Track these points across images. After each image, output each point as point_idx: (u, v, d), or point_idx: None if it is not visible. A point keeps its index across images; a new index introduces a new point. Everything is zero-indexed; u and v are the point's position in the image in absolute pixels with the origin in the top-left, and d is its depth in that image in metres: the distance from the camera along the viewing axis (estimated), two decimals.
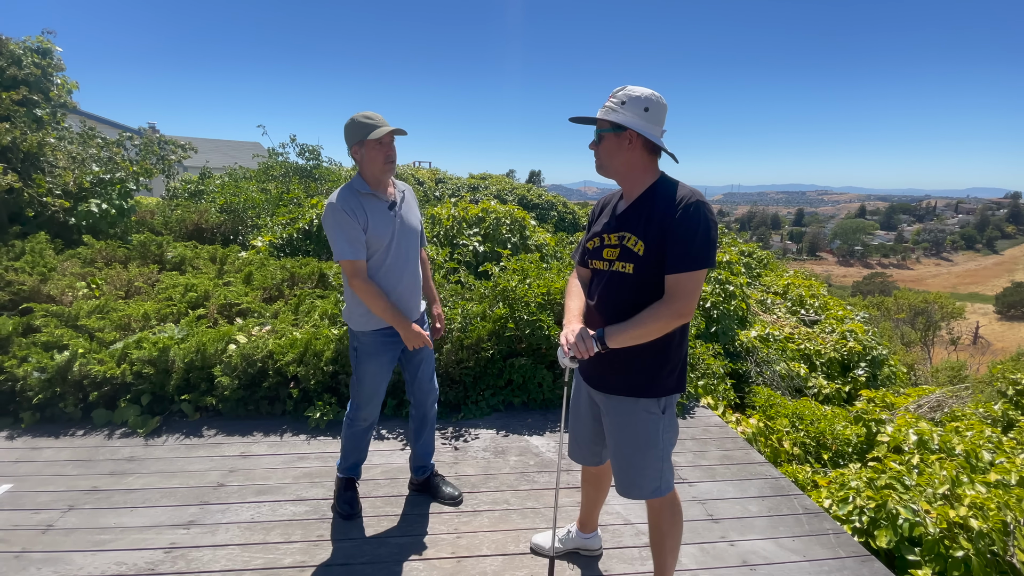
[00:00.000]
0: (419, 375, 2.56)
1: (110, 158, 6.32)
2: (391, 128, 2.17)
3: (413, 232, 2.39)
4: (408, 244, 2.36)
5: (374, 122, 2.16)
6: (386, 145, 2.20)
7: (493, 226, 5.85)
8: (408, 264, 2.37)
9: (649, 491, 1.87)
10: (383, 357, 2.41)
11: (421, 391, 2.59)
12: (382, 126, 2.16)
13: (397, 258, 2.32)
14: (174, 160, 7.44)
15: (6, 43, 6.06)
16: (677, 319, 1.67)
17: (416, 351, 2.50)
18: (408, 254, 2.37)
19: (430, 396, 2.62)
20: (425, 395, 2.61)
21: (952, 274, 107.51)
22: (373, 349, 2.39)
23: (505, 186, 16.48)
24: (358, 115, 2.18)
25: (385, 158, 2.21)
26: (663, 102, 1.70)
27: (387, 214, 2.28)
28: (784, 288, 8.21)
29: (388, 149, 2.21)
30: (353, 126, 2.18)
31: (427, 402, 2.63)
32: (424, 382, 2.58)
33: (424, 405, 2.63)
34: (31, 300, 4.08)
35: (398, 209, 2.33)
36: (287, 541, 2.44)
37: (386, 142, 2.20)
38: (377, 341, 2.38)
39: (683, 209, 1.63)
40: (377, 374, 2.43)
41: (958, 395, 5.02)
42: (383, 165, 2.21)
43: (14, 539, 2.42)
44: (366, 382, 2.44)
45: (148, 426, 3.39)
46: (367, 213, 2.22)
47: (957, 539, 2.48)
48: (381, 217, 2.26)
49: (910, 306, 23.65)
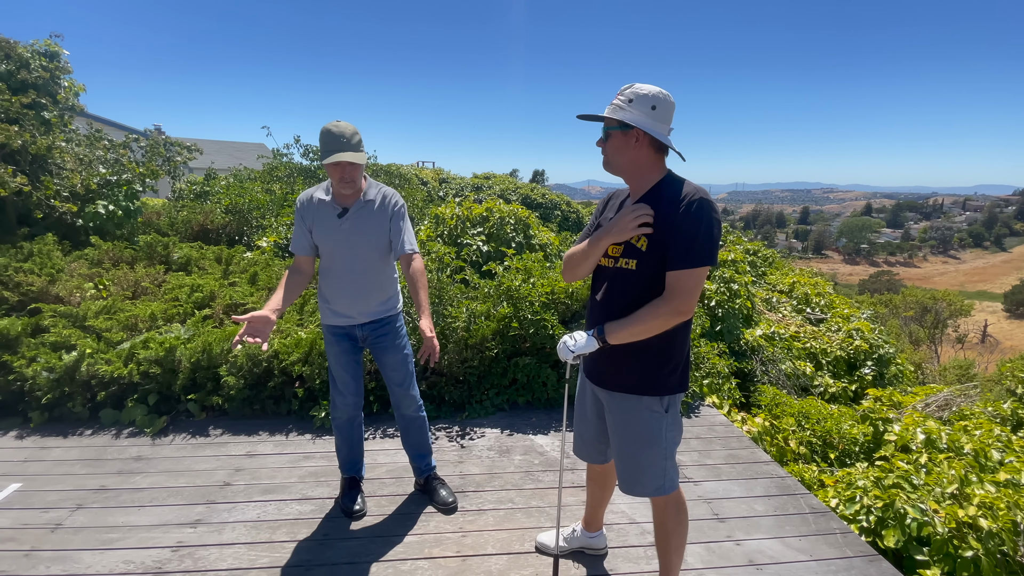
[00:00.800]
0: (388, 380, 2.60)
1: (116, 160, 6.36)
2: (343, 158, 2.15)
3: (363, 240, 2.35)
4: (356, 254, 2.35)
5: (335, 143, 2.17)
6: (341, 167, 2.21)
7: (497, 225, 5.85)
8: (353, 271, 2.37)
9: (652, 489, 1.87)
10: (335, 347, 2.50)
11: (394, 396, 2.63)
12: (339, 151, 2.16)
13: (342, 266, 2.36)
14: (180, 162, 7.48)
15: (14, 46, 6.11)
16: (676, 316, 1.66)
17: (379, 356, 2.55)
18: (354, 264, 2.36)
19: (403, 402, 2.62)
20: (398, 400, 2.62)
21: (960, 272, 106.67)
22: (327, 339, 2.53)
23: (509, 186, 16.47)
24: (327, 126, 2.20)
25: (339, 178, 2.24)
26: (671, 100, 1.70)
27: (333, 221, 2.33)
28: (789, 286, 8.16)
29: (343, 171, 2.22)
30: (321, 139, 2.22)
31: (400, 405, 2.63)
32: (393, 387, 2.60)
33: (399, 408, 2.64)
34: (39, 301, 4.11)
35: (349, 216, 2.32)
36: (293, 540, 2.45)
37: (342, 165, 2.20)
38: (328, 332, 2.51)
39: (687, 206, 1.63)
40: (335, 363, 2.52)
41: (966, 394, 4.98)
42: (339, 183, 2.27)
43: (23, 538, 2.44)
44: (330, 368, 2.56)
45: (155, 426, 3.42)
46: (314, 217, 2.35)
47: (966, 539, 2.46)
48: (326, 223, 2.34)
49: (918, 303, 23.48)
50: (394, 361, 2.54)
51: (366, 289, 2.42)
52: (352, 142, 2.20)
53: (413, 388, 2.63)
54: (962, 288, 79.55)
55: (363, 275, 2.40)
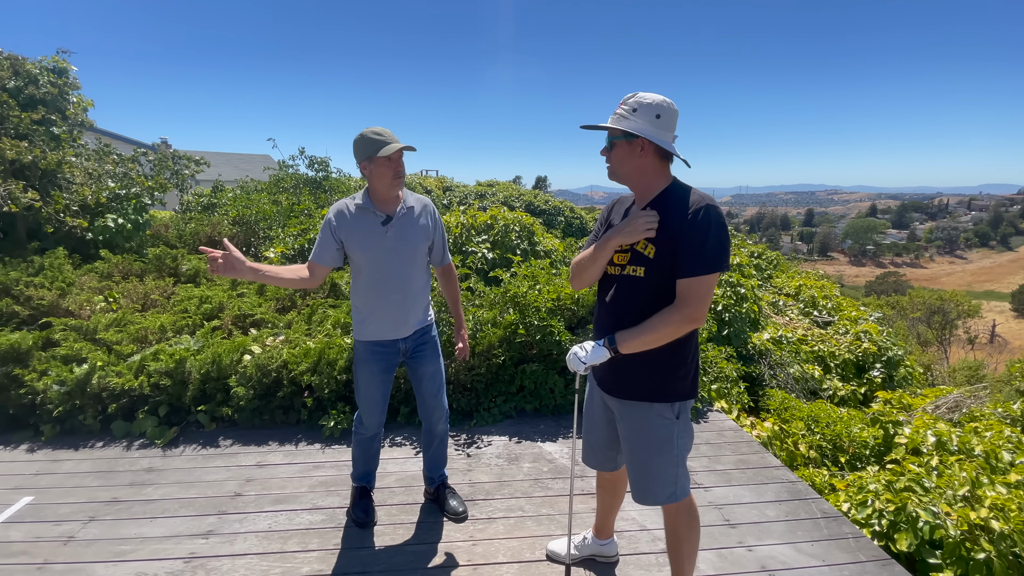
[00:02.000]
0: (423, 390, 2.55)
1: (125, 174, 6.44)
2: (400, 145, 2.17)
3: (409, 248, 2.33)
4: (401, 260, 2.32)
5: (383, 138, 2.16)
6: (395, 161, 2.20)
7: (502, 233, 5.88)
8: (400, 280, 2.33)
9: (664, 497, 1.87)
10: (373, 366, 2.42)
11: (425, 407, 2.58)
12: (391, 143, 2.16)
13: (387, 274, 2.31)
14: (188, 174, 7.56)
15: (23, 63, 6.21)
16: (689, 324, 1.67)
17: (417, 367, 2.50)
18: (401, 271, 2.33)
19: (435, 413, 2.59)
20: (430, 411, 2.59)
21: (967, 272, 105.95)
22: (364, 357, 2.43)
23: (512, 192, 16.53)
24: (367, 131, 2.18)
25: (394, 174, 2.21)
26: (674, 108, 1.71)
27: (377, 229, 2.27)
28: (796, 289, 8.14)
29: (397, 165, 2.21)
30: (363, 142, 2.18)
31: (432, 418, 2.60)
32: (427, 398, 2.56)
33: (429, 420, 2.61)
34: (50, 315, 4.16)
35: (393, 224, 2.29)
36: (304, 550, 2.46)
37: (395, 158, 2.20)
38: (368, 350, 2.41)
39: (694, 213, 1.64)
40: (370, 383, 2.45)
41: (976, 395, 4.94)
42: (391, 180, 2.22)
43: (37, 551, 2.46)
44: (361, 390, 2.48)
45: (166, 437, 3.44)
46: (352, 227, 2.27)
47: (979, 541, 2.44)
48: (368, 232, 2.27)
49: (925, 304, 23.33)
50: (432, 371, 2.52)
51: (413, 298, 2.39)
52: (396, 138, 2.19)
53: (445, 398, 2.62)
54: (969, 288, 78.95)
55: (409, 283, 2.36)
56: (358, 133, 2.21)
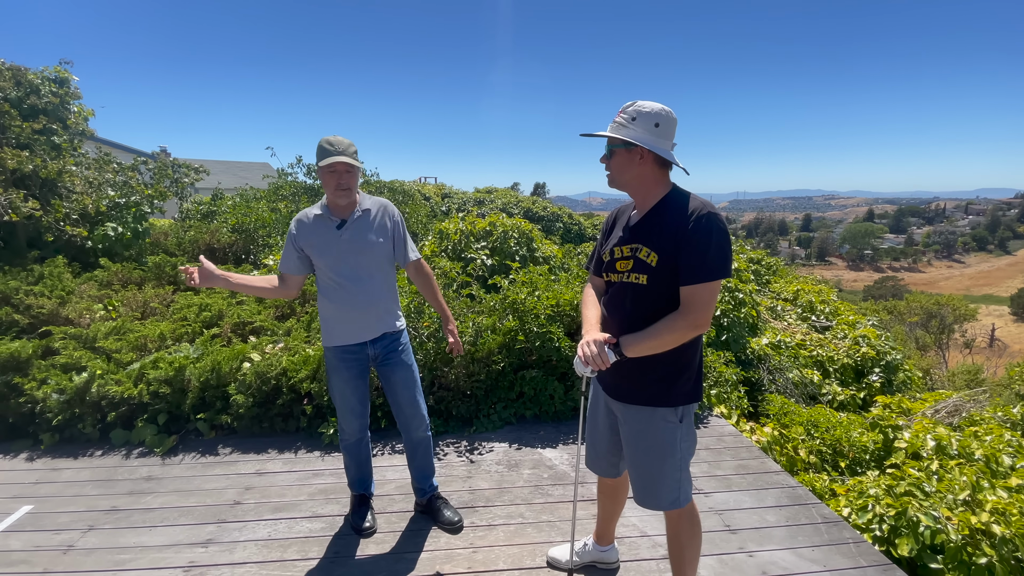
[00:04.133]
0: (397, 398, 2.54)
1: (125, 182, 6.46)
2: (337, 159, 2.17)
3: (367, 248, 2.35)
4: (359, 263, 2.34)
5: (332, 148, 2.19)
6: (338, 173, 2.22)
7: (501, 239, 5.90)
8: (360, 283, 2.35)
9: (667, 502, 1.87)
10: (344, 373, 2.43)
11: (403, 415, 2.57)
12: (335, 155, 2.18)
13: (346, 277, 2.33)
14: (187, 183, 7.58)
15: (24, 73, 6.25)
16: (693, 330, 1.68)
17: (389, 374, 2.50)
18: (359, 273, 2.34)
19: (412, 421, 2.57)
20: (407, 419, 2.57)
21: (965, 276, 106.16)
22: (334, 364, 2.45)
23: (510, 199, 16.58)
24: (322, 140, 2.23)
25: (335, 184, 2.23)
26: (673, 116, 1.73)
27: (332, 233, 2.31)
28: (794, 294, 8.16)
29: (339, 177, 2.22)
30: (317, 150, 2.24)
31: (410, 426, 2.58)
32: (404, 406, 2.55)
33: (407, 429, 2.59)
34: (50, 323, 4.16)
35: (348, 227, 2.32)
36: (304, 558, 2.46)
37: (339, 169, 2.21)
38: (336, 356, 2.43)
39: (696, 221, 1.65)
40: (344, 389, 2.46)
41: (976, 399, 4.95)
42: (334, 190, 2.25)
43: (36, 560, 2.45)
44: (336, 397, 2.51)
45: (165, 445, 3.43)
46: (310, 234, 2.33)
47: (980, 546, 2.44)
48: (324, 237, 2.32)
49: (922, 309, 23.36)
50: (404, 378, 2.52)
51: (374, 299, 2.40)
52: (348, 151, 2.21)
53: (422, 406, 2.60)
54: (968, 292, 79.09)
55: (369, 285, 2.37)
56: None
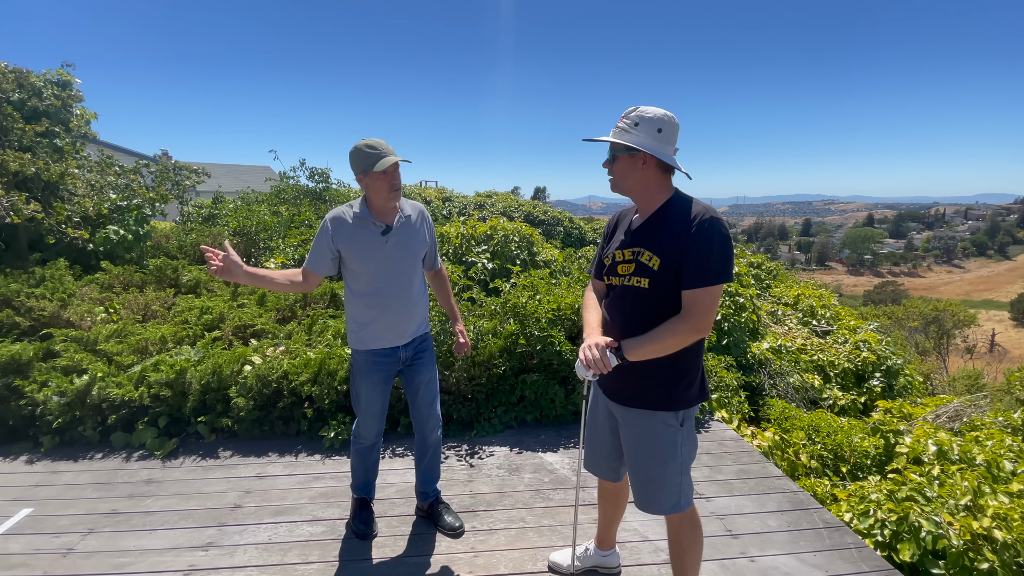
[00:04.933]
0: (418, 399, 2.54)
1: (127, 185, 6.47)
2: (395, 158, 2.18)
3: (410, 256, 2.36)
4: (401, 269, 2.34)
5: (378, 151, 2.16)
6: (390, 175, 2.21)
7: (502, 243, 5.91)
8: (400, 289, 2.35)
9: (668, 506, 1.87)
10: (374, 376, 2.41)
11: (420, 416, 2.57)
12: (386, 156, 2.17)
13: (387, 283, 2.31)
14: (188, 185, 7.60)
15: (27, 76, 6.26)
16: (695, 334, 1.68)
17: (415, 375, 2.49)
18: (401, 280, 2.34)
19: (429, 422, 2.58)
20: (424, 420, 2.57)
21: (965, 281, 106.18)
22: (364, 368, 2.41)
23: (511, 203, 16.59)
24: (362, 143, 2.18)
25: (389, 187, 2.22)
26: (675, 122, 1.73)
27: (377, 240, 2.27)
28: (794, 299, 8.16)
29: (392, 179, 2.22)
30: (358, 155, 2.18)
31: (426, 428, 2.59)
32: (423, 407, 2.55)
33: (424, 430, 2.60)
34: (51, 326, 4.16)
35: (393, 234, 2.30)
36: (305, 562, 2.45)
37: (390, 172, 2.21)
38: (368, 360, 2.39)
39: (698, 225, 1.65)
40: (370, 393, 2.44)
41: (976, 404, 4.94)
42: (388, 194, 2.22)
43: (36, 563, 2.45)
44: (361, 401, 2.47)
45: (165, 448, 3.43)
46: (351, 237, 2.26)
47: (981, 551, 2.43)
48: (368, 243, 2.27)
49: (922, 314, 23.35)
50: (429, 379, 2.53)
51: (413, 306, 2.40)
52: (392, 150, 2.20)
53: (439, 406, 2.63)
54: (968, 297, 79.06)
55: (409, 291, 2.37)
56: (354, 145, 2.22)
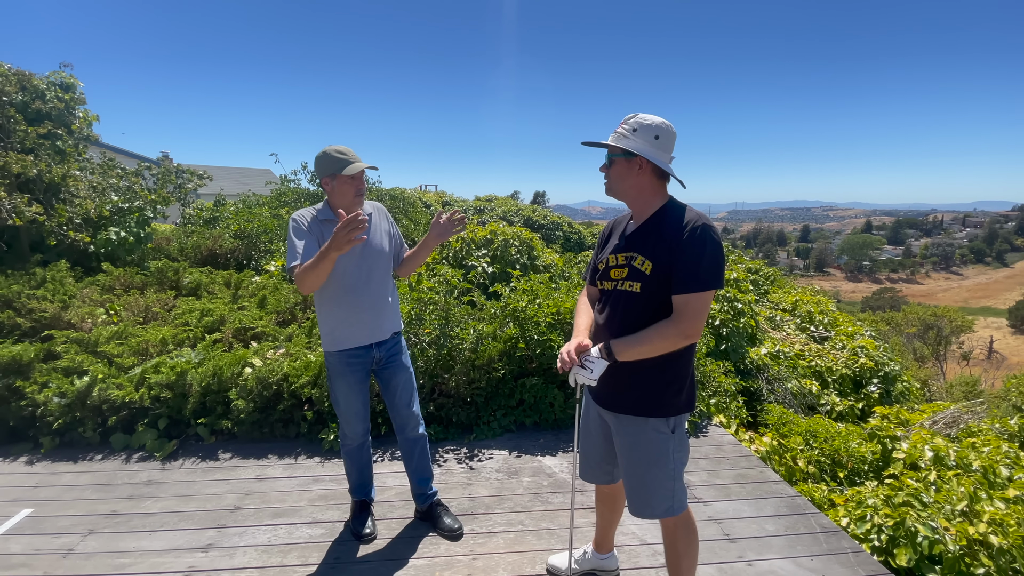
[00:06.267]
0: (396, 401, 2.56)
1: (129, 187, 6.49)
2: (363, 165, 2.26)
3: (377, 253, 2.41)
4: (371, 265, 2.38)
5: (346, 157, 2.24)
6: (357, 180, 2.29)
7: (502, 247, 5.93)
8: (371, 284, 2.38)
9: (661, 510, 1.89)
10: (350, 377, 2.43)
11: (400, 417, 2.59)
12: (354, 161, 2.25)
13: (359, 280, 2.35)
14: (190, 188, 7.62)
15: (30, 78, 6.30)
16: (683, 339, 1.71)
17: (390, 377, 2.51)
18: (371, 274, 2.38)
19: (409, 422, 2.60)
20: (404, 421, 2.59)
21: (963, 288, 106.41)
22: (339, 369, 2.43)
23: (511, 208, 16.65)
24: (330, 149, 2.26)
25: (355, 191, 2.29)
26: (673, 130, 1.77)
27: None
28: (792, 305, 8.19)
29: (359, 184, 2.30)
30: (325, 159, 2.25)
31: (407, 428, 2.60)
32: (401, 408, 2.57)
33: (404, 431, 2.61)
34: (52, 327, 4.17)
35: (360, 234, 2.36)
36: (304, 564, 2.46)
37: (357, 177, 2.28)
38: (342, 361, 2.41)
39: (690, 232, 1.68)
40: (348, 394, 2.46)
41: (973, 410, 4.97)
42: (353, 198, 2.30)
43: (36, 564, 2.45)
44: (340, 402, 2.49)
45: (165, 450, 3.44)
46: (324, 236, 2.28)
47: (978, 556, 2.45)
48: None
49: (920, 320, 23.41)
50: (404, 380, 2.56)
51: (383, 302, 2.43)
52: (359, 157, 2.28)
53: (417, 406, 2.64)
54: (966, 304, 79.24)
55: (380, 288, 2.42)
56: (322, 150, 2.28)
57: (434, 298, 4.04)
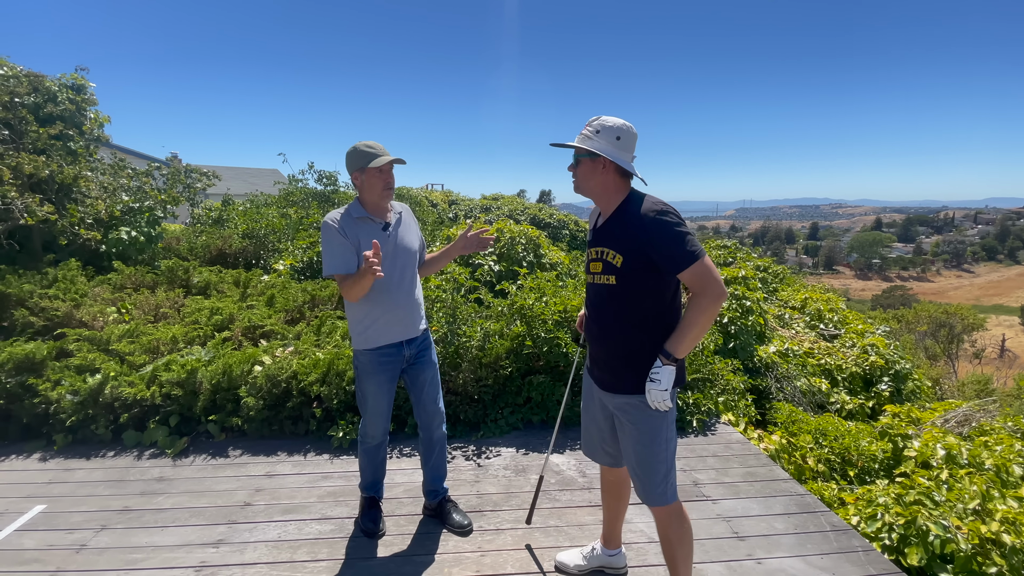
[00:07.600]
0: (423, 397, 2.58)
1: (139, 187, 6.55)
2: (391, 157, 2.30)
3: (409, 251, 2.46)
4: (404, 263, 2.43)
5: (375, 151, 2.28)
6: (386, 173, 2.32)
7: (508, 245, 5.93)
8: (404, 283, 2.42)
9: (657, 494, 1.94)
10: (381, 376, 2.45)
11: (426, 413, 2.61)
12: (382, 155, 2.29)
13: (393, 278, 2.37)
14: (199, 188, 7.69)
15: (42, 80, 6.36)
16: (717, 302, 1.75)
17: (419, 373, 2.54)
18: (404, 273, 2.42)
19: (435, 419, 2.62)
20: (430, 417, 2.61)
21: (975, 286, 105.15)
22: (371, 368, 2.44)
23: (517, 206, 16.64)
24: (360, 144, 2.30)
25: (384, 185, 2.32)
26: (633, 131, 1.87)
27: (380, 235, 2.35)
28: (802, 303, 8.13)
29: (387, 177, 2.33)
30: (355, 154, 2.30)
31: (432, 424, 2.62)
32: (428, 404, 2.59)
33: (429, 428, 2.63)
34: (64, 325, 4.22)
35: (392, 230, 2.41)
36: (314, 559, 2.48)
37: (386, 170, 2.32)
38: (374, 360, 2.42)
39: (651, 220, 1.77)
40: (377, 392, 2.47)
41: (986, 409, 4.91)
42: (382, 191, 2.33)
43: (49, 559, 2.49)
44: (368, 400, 2.50)
45: (176, 447, 3.47)
46: (359, 235, 2.31)
47: (990, 555, 2.42)
48: (373, 238, 2.30)
49: (931, 318, 23.15)
50: (432, 376, 2.59)
51: (414, 300, 2.48)
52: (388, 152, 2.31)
53: (442, 403, 2.67)
54: (978, 302, 78.31)
55: (411, 286, 2.46)
56: (352, 146, 2.32)
57: (441, 296, 4.05)
